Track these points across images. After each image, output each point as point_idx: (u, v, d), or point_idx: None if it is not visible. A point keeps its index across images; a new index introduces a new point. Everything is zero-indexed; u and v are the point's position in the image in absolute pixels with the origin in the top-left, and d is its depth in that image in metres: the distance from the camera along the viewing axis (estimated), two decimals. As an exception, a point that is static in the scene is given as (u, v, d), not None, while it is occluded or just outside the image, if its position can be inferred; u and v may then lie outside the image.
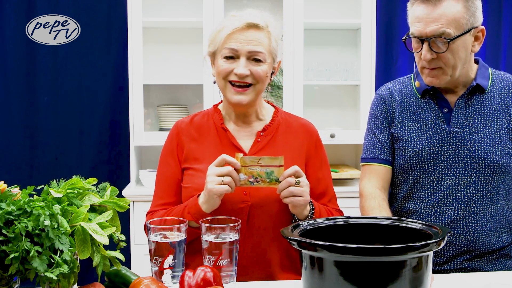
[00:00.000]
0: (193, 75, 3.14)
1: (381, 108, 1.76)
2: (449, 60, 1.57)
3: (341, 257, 0.99)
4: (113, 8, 3.22)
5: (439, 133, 1.66)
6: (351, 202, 2.89)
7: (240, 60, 1.54)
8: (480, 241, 1.64)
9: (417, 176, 1.68)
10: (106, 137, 3.29)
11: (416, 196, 1.70)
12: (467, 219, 1.64)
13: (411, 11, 1.61)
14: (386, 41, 3.36)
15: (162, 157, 1.67)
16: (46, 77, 3.22)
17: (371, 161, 1.75)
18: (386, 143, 1.74)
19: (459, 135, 1.65)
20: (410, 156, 1.68)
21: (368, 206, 1.68)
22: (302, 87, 3.06)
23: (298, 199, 1.46)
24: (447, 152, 1.65)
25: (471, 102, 1.67)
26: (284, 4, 3.01)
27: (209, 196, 1.45)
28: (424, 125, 1.69)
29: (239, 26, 1.53)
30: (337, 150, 3.35)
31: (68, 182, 1.19)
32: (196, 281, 1.18)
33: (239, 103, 1.57)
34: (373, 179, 1.73)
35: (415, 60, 1.67)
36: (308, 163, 1.64)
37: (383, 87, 1.81)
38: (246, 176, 1.45)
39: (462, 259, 1.66)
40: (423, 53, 1.57)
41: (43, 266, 1.01)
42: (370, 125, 1.79)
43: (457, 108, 1.66)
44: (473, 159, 1.63)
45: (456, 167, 1.65)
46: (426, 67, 1.61)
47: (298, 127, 1.68)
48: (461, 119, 1.66)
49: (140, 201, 2.80)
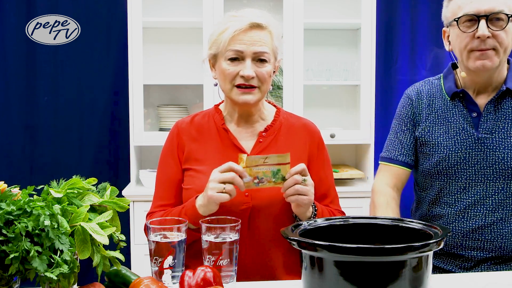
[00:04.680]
0: (193, 75, 3.14)
1: (408, 109, 1.74)
2: (504, 40, 1.55)
3: (341, 257, 0.99)
4: (113, 8, 3.22)
5: (467, 138, 1.63)
6: (351, 202, 2.90)
7: (245, 62, 1.52)
8: (509, 247, 1.62)
9: (444, 182, 1.66)
10: (106, 137, 3.30)
11: (443, 201, 1.68)
12: (495, 225, 1.62)
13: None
14: (386, 41, 3.36)
15: (162, 157, 1.66)
16: (46, 77, 3.22)
17: (389, 161, 1.75)
18: (407, 145, 1.72)
19: (487, 141, 1.62)
20: (437, 161, 1.66)
21: (377, 202, 1.69)
22: (302, 87, 3.06)
23: (303, 197, 1.45)
24: (475, 158, 1.62)
25: (500, 106, 1.63)
26: (284, 4, 3.01)
27: (208, 201, 1.43)
28: (452, 130, 1.66)
29: (243, 27, 1.51)
30: (337, 150, 3.35)
31: (68, 182, 1.19)
32: (196, 281, 1.18)
33: (246, 102, 1.56)
34: (387, 177, 1.73)
35: (457, 48, 1.61)
36: (311, 164, 1.63)
37: (412, 87, 1.79)
38: (250, 178, 1.42)
39: (490, 263, 1.64)
40: (480, 30, 1.53)
41: (43, 266, 1.01)
42: (394, 125, 1.78)
43: (486, 113, 1.63)
44: (502, 166, 1.60)
45: (484, 173, 1.62)
46: (478, 49, 1.56)
47: (300, 127, 1.67)
48: (490, 125, 1.62)
49: (140, 201, 2.80)
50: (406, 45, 3.37)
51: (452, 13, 1.61)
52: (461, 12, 1.57)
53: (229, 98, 1.60)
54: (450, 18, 1.62)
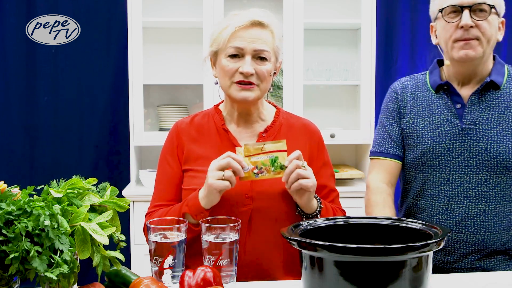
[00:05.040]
0: (193, 75, 3.14)
1: (393, 103, 1.77)
2: (486, 30, 1.60)
3: (341, 257, 0.99)
4: (113, 8, 3.22)
5: (451, 129, 1.66)
6: (351, 202, 2.90)
7: (245, 59, 1.53)
8: (491, 240, 1.63)
9: (428, 173, 1.68)
10: (106, 137, 3.30)
11: (427, 193, 1.69)
12: (478, 218, 1.63)
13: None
14: (386, 41, 3.36)
15: (162, 157, 1.66)
16: (46, 77, 3.22)
17: (380, 155, 1.76)
18: (396, 138, 1.74)
19: (471, 132, 1.64)
20: (422, 152, 1.68)
21: (374, 200, 1.69)
22: (302, 87, 3.06)
23: (306, 181, 1.45)
24: (459, 149, 1.65)
25: (484, 98, 1.66)
26: (284, 4, 3.01)
27: (209, 191, 1.43)
28: (436, 121, 1.69)
29: (244, 24, 1.52)
30: (337, 150, 3.35)
31: (68, 182, 1.19)
32: (196, 281, 1.18)
33: (244, 99, 1.55)
34: (381, 173, 1.74)
35: (443, 39, 1.65)
36: (311, 163, 1.62)
37: (398, 81, 1.82)
38: (249, 167, 1.43)
39: (473, 258, 1.65)
40: (464, 20, 1.58)
41: (43, 266, 1.01)
42: (381, 119, 1.80)
43: (470, 104, 1.66)
44: (485, 156, 1.62)
45: (467, 164, 1.64)
46: (462, 38, 1.61)
47: (300, 128, 1.67)
48: (474, 116, 1.65)
49: (140, 201, 2.80)
50: (406, 45, 3.37)
51: (438, 5, 1.67)
52: (446, 3, 1.63)
53: (228, 95, 1.60)
54: (436, 10, 1.68)
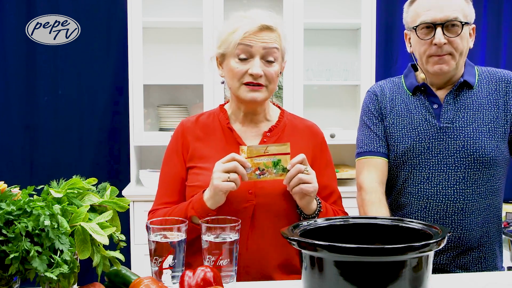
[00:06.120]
0: (193, 75, 3.14)
1: (374, 104, 1.79)
2: (459, 45, 1.63)
3: (341, 257, 0.99)
4: (113, 8, 3.22)
5: (430, 129, 1.69)
6: (351, 202, 2.88)
7: (254, 60, 1.54)
8: (467, 237, 1.66)
9: (409, 172, 1.71)
10: (106, 137, 3.30)
11: (407, 192, 1.71)
12: (455, 216, 1.66)
13: (416, 4, 1.67)
14: (386, 41, 3.36)
15: (167, 155, 1.67)
16: (46, 77, 3.22)
17: (370, 155, 1.76)
18: (383, 136, 1.76)
19: (449, 130, 1.67)
20: (402, 152, 1.71)
21: (369, 200, 1.69)
22: (302, 87, 3.06)
23: (307, 185, 1.46)
24: (438, 147, 1.68)
25: (459, 97, 1.70)
26: (284, 4, 3.01)
27: (215, 192, 1.45)
28: (415, 121, 1.71)
29: (253, 29, 1.54)
30: (337, 150, 3.35)
31: (68, 182, 1.19)
32: (196, 281, 1.18)
33: (253, 100, 1.57)
34: (373, 173, 1.74)
35: (417, 53, 1.69)
36: (314, 165, 1.63)
37: (375, 85, 1.86)
38: (252, 168, 1.44)
39: (449, 255, 1.68)
40: (437, 37, 1.61)
41: (43, 266, 1.01)
42: (364, 121, 1.81)
43: (446, 104, 1.70)
44: (463, 153, 1.65)
45: (446, 163, 1.67)
46: (436, 54, 1.64)
47: (303, 129, 1.69)
48: (451, 115, 1.68)
49: (140, 201, 2.80)
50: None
51: (411, 19, 1.70)
52: (419, 20, 1.66)
53: (236, 96, 1.61)
54: (410, 24, 1.71)
